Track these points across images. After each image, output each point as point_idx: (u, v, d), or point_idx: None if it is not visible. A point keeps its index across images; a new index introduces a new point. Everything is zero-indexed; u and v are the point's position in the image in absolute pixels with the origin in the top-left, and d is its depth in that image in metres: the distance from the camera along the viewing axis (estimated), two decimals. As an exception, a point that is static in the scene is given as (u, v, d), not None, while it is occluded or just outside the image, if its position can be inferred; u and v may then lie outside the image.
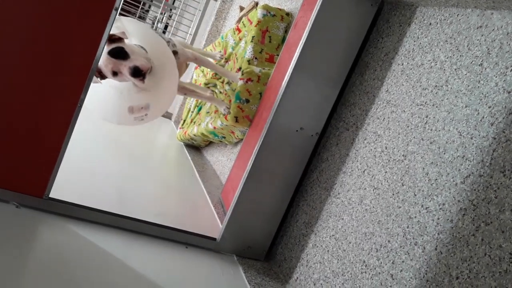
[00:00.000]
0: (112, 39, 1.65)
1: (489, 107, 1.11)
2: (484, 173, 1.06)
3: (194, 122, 2.78)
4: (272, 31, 2.26)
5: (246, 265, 1.63)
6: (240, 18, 3.01)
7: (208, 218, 1.89)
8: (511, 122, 1.04)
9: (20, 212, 1.37)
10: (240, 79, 2.09)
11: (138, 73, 1.66)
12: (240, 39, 2.54)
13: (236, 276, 1.54)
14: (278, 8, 2.32)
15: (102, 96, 1.82)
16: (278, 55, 2.23)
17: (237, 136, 2.27)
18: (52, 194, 1.42)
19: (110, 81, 1.77)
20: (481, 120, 1.12)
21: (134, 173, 2.16)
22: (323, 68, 1.60)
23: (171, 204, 1.93)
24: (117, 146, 2.46)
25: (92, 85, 1.38)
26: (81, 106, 1.36)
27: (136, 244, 1.48)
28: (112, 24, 1.32)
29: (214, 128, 2.28)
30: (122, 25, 1.81)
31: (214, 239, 1.65)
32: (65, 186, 1.54)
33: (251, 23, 2.36)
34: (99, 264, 1.29)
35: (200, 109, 2.87)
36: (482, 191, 1.05)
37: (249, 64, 2.19)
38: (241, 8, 3.16)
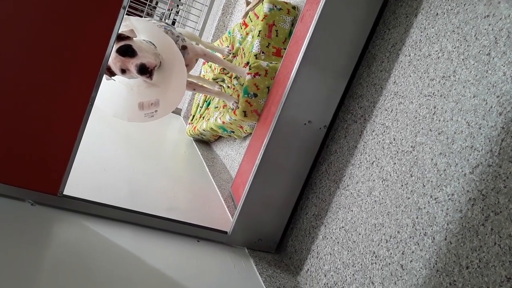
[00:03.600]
0: (121, 37, 1.67)
1: (497, 96, 1.11)
2: (493, 163, 1.06)
3: (203, 117, 2.80)
4: (278, 25, 2.27)
5: (257, 258, 1.65)
6: (247, 13, 3.01)
7: (219, 212, 1.91)
8: (520, 111, 1.04)
9: (35, 209, 1.40)
10: (248, 73, 2.10)
11: (144, 70, 1.68)
12: (247, 34, 2.55)
13: (248, 269, 1.56)
14: (284, 2, 2.32)
15: (113, 93, 1.84)
16: (285, 48, 2.24)
17: (246, 130, 2.28)
18: (66, 191, 1.45)
19: (120, 78, 1.80)
20: (489, 110, 1.12)
21: (145, 168, 2.18)
22: (330, 61, 1.61)
23: (182, 199, 1.95)
24: (128, 142, 2.49)
25: (103, 81, 1.40)
26: (92, 104, 1.38)
27: (148, 239, 1.50)
28: (121, 23, 1.33)
29: (223, 122, 2.29)
30: (130, 24, 1.83)
31: (225, 232, 1.67)
32: (78, 183, 1.56)
33: (257, 17, 2.36)
34: (113, 258, 1.31)
35: (208, 104, 2.89)
36: (491, 181, 1.05)
37: (256, 58, 2.20)
38: (247, 3, 3.16)
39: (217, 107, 2.60)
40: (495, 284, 0.96)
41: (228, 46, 2.74)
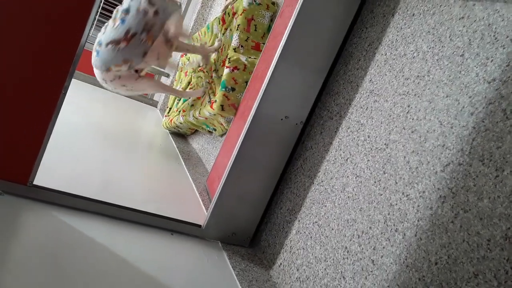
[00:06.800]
0: None
1: (470, 97, 1.13)
2: (463, 162, 1.09)
3: (179, 112, 2.78)
4: (257, 20, 2.26)
5: (230, 251, 1.65)
6: (226, 7, 2.99)
7: (194, 205, 1.90)
8: (491, 112, 1.07)
9: (4, 199, 1.36)
10: (227, 67, 2.09)
11: None
12: (226, 30, 2.54)
13: (221, 262, 1.56)
14: (264, -3, 2.31)
15: None
16: (264, 43, 2.23)
17: (227, 127, 2.27)
18: (37, 181, 1.42)
19: None
20: (461, 110, 1.14)
21: (120, 160, 2.15)
22: (308, 57, 1.61)
23: (156, 191, 1.93)
24: (103, 133, 2.45)
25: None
26: (65, 93, 1.35)
27: (121, 231, 1.48)
28: (97, 10, 1.31)
29: (206, 119, 2.28)
30: None
31: (199, 226, 1.66)
32: (50, 173, 1.53)
33: (234, 14, 2.35)
34: (84, 251, 1.29)
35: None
36: (461, 179, 1.08)
37: (235, 52, 2.19)
38: (227, -4, 3.14)
39: (192, 105, 2.58)
40: (463, 280, 0.99)
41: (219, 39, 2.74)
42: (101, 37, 1.94)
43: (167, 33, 2.08)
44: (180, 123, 2.66)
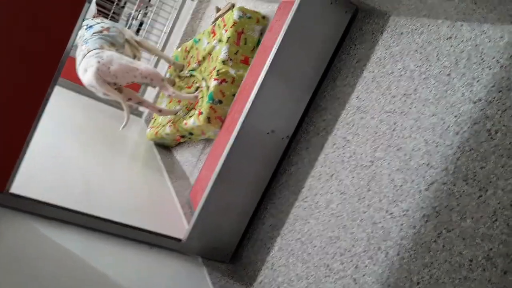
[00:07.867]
0: None
1: (455, 116, 1.13)
2: (447, 181, 1.08)
3: (163, 126, 2.74)
4: (247, 33, 2.26)
5: (211, 267, 1.61)
6: (216, 19, 2.99)
7: (175, 219, 1.87)
8: (476, 131, 1.07)
9: (-22, 206, 1.32)
10: (215, 79, 2.08)
11: None
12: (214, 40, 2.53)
13: (200, 278, 1.52)
14: (255, 11, 2.32)
15: None
16: (253, 57, 2.23)
17: (209, 136, 2.25)
18: (14, 189, 1.38)
19: None
20: (446, 129, 1.14)
21: (101, 170, 2.11)
22: (296, 72, 1.61)
23: (137, 203, 1.90)
24: (85, 142, 2.41)
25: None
26: (47, 100, 1.32)
27: (99, 244, 1.44)
28: (85, 14, 1.29)
29: (192, 128, 2.25)
30: None
31: (180, 240, 1.63)
32: (28, 182, 1.49)
33: (225, 25, 2.35)
34: (60, 263, 1.25)
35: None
36: (445, 199, 1.07)
37: (224, 64, 2.18)
38: (218, 9, 3.15)
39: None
40: (444, 301, 0.97)
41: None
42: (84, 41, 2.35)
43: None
44: (167, 134, 2.63)
